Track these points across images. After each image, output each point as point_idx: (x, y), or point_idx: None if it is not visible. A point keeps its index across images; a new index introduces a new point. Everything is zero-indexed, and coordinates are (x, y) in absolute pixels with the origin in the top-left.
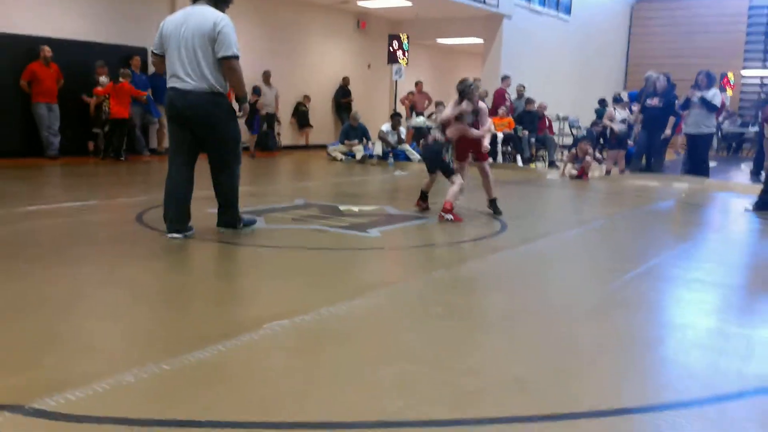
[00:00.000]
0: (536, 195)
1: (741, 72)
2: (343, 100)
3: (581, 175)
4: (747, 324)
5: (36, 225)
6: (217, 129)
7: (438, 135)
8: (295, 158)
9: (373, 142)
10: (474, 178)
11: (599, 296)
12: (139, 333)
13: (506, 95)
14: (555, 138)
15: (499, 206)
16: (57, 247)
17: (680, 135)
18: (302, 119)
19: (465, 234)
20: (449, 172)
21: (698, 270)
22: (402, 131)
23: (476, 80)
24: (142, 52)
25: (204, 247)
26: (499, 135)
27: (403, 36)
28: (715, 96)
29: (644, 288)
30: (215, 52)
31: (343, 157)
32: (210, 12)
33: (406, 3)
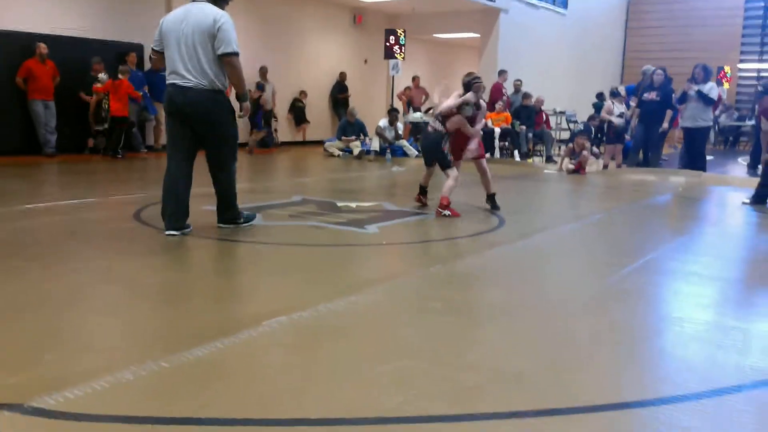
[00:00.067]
0: (534, 190)
1: (738, 65)
2: (340, 96)
3: (578, 170)
4: (745, 317)
5: (34, 223)
6: (217, 126)
7: (438, 125)
8: (293, 154)
9: (371, 138)
10: (471, 174)
11: (597, 290)
12: (138, 330)
13: (503, 90)
14: (552, 133)
15: (497, 201)
16: (55, 245)
17: (677, 129)
18: (299, 115)
19: (463, 229)
20: (446, 165)
21: (696, 264)
22: (399, 127)
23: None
24: (138, 49)
25: (202, 244)
26: (497, 130)
27: (400, 31)
28: (712, 89)
29: (642, 282)
30: (215, 49)
31: (341, 153)
32: (210, 9)
33: None
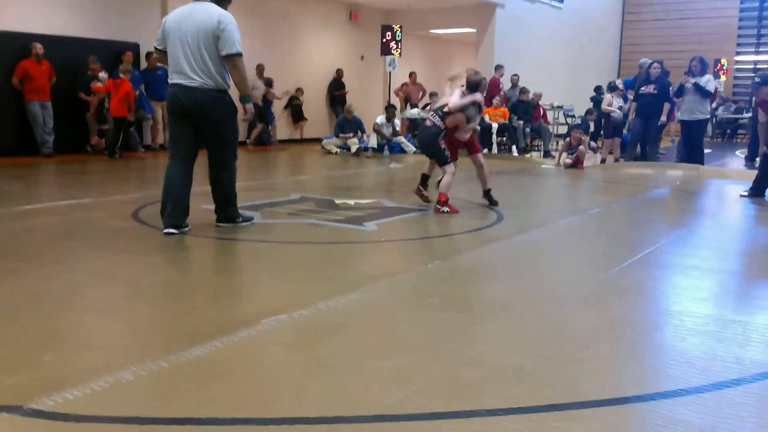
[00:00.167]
0: (531, 185)
1: (734, 57)
2: (338, 93)
3: (576, 164)
4: (744, 310)
5: (32, 224)
6: (220, 126)
7: (437, 120)
8: (290, 152)
9: (368, 135)
10: (469, 170)
11: (596, 284)
12: (137, 330)
13: (500, 85)
14: (550, 127)
15: (495, 197)
16: (53, 246)
17: (674, 122)
18: (296, 113)
19: (461, 225)
20: (442, 160)
21: (694, 257)
22: (397, 123)
23: (469, 70)
24: (134, 48)
25: (201, 243)
26: (494, 125)
27: (396, 27)
28: (709, 82)
29: (641, 275)
30: (219, 50)
31: (338, 151)
32: (213, 9)
33: None
